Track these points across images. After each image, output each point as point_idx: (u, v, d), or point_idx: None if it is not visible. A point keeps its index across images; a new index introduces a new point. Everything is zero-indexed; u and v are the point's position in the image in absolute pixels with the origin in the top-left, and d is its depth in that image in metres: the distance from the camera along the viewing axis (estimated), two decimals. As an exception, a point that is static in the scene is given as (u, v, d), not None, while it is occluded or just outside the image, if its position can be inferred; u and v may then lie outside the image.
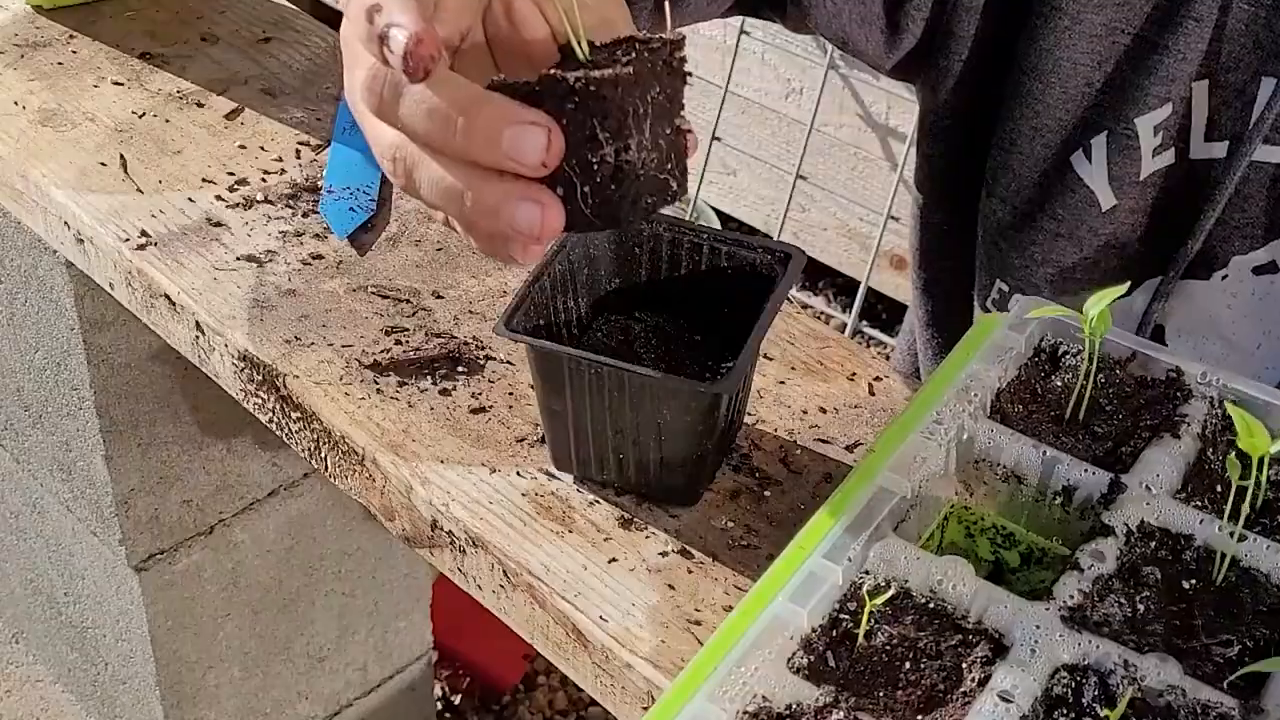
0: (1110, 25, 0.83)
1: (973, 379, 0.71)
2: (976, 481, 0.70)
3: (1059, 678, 0.59)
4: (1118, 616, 0.61)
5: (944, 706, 0.59)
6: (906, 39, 0.89)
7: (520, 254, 0.57)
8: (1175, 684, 0.58)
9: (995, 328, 0.74)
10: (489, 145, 0.54)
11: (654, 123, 0.57)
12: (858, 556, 0.64)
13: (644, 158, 0.57)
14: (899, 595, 0.62)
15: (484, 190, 0.56)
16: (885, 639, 0.61)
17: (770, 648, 0.60)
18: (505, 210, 0.55)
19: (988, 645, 0.60)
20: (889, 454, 0.67)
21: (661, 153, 0.58)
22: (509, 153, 0.54)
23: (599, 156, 0.56)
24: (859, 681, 0.60)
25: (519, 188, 0.55)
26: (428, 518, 0.76)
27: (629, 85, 0.56)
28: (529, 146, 0.54)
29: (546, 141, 0.54)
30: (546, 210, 0.55)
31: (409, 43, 0.53)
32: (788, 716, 0.58)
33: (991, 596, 0.62)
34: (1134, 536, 0.64)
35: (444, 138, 0.55)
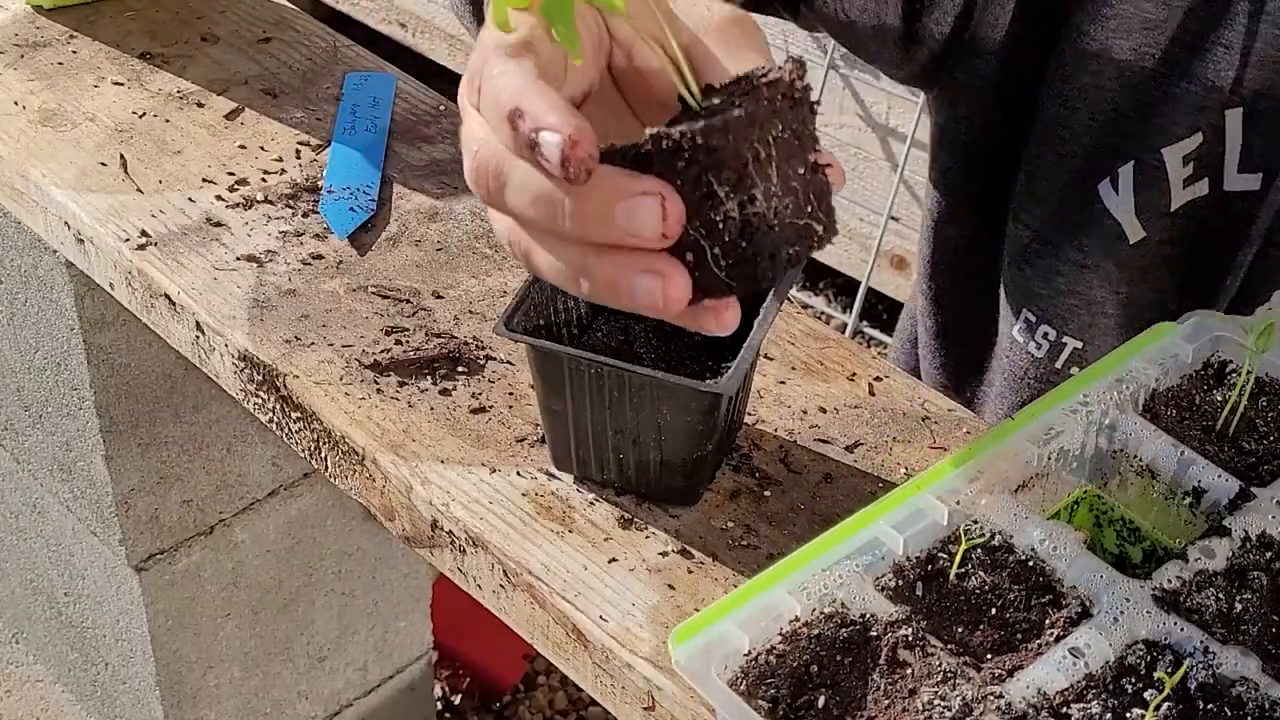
0: (1138, 50, 0.80)
1: (1129, 373, 0.71)
2: (1111, 471, 0.70)
3: (1135, 649, 0.60)
4: (1211, 609, 0.62)
5: (1015, 653, 0.61)
6: (922, 52, 0.87)
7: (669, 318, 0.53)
8: (1250, 677, 0.58)
9: (1167, 334, 0.73)
10: (603, 225, 0.50)
11: (782, 164, 0.52)
12: (968, 503, 0.65)
13: (775, 206, 0.52)
14: (1001, 548, 0.64)
15: (598, 268, 0.52)
16: (977, 583, 0.63)
17: (860, 562, 0.63)
18: (624, 286, 0.51)
19: (1076, 609, 0.62)
20: (1027, 422, 0.68)
21: (797, 196, 0.52)
22: (626, 230, 0.50)
23: (722, 214, 0.51)
24: (940, 614, 0.62)
25: (635, 260, 0.51)
26: (428, 518, 0.76)
27: (742, 130, 0.51)
28: (644, 220, 0.50)
29: (661, 211, 0.50)
30: (668, 281, 0.51)
31: (564, 147, 0.49)
32: (858, 623, 0.61)
33: (1089, 565, 0.63)
34: (1250, 543, 0.65)
35: (554, 223, 0.51)
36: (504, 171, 0.52)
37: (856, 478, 0.77)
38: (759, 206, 0.51)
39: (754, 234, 0.51)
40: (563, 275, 0.53)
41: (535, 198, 0.51)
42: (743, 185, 0.51)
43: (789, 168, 0.52)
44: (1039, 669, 0.59)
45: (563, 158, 0.49)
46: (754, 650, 0.60)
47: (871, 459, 0.78)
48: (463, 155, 0.55)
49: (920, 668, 0.59)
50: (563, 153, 0.49)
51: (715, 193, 0.51)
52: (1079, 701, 0.59)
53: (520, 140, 0.50)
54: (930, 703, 0.58)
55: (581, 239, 0.51)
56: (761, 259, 0.52)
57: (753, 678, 0.59)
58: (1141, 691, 0.59)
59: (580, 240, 0.52)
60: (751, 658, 0.60)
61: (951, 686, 0.58)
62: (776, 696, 0.59)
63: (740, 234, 0.51)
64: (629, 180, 0.50)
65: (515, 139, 0.50)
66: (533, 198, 0.51)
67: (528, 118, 0.50)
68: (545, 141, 0.49)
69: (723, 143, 0.50)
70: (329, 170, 0.96)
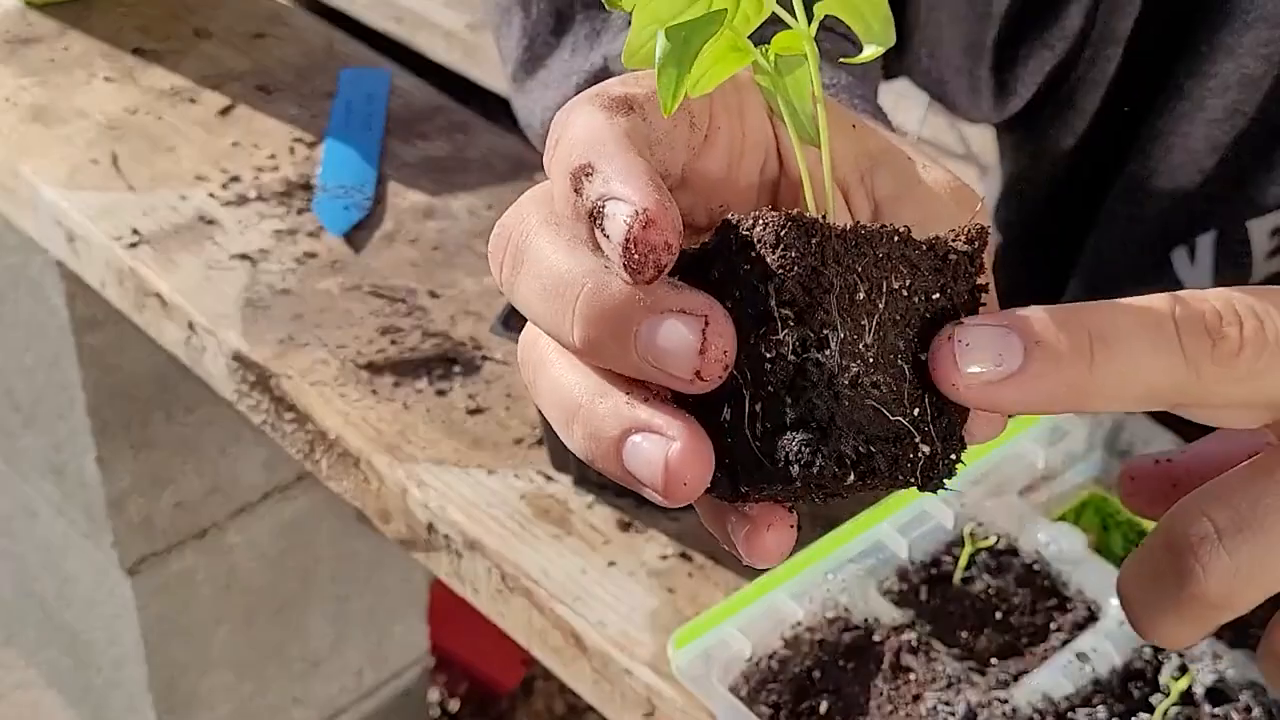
0: (1231, 108, 0.73)
1: None
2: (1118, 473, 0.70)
3: (1142, 653, 0.60)
4: None
5: (1020, 658, 0.60)
6: (1015, 102, 0.81)
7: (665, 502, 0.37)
8: (1258, 682, 0.58)
9: None
10: (618, 344, 0.36)
11: (889, 329, 0.36)
12: (973, 506, 0.65)
13: (857, 371, 0.36)
14: (1006, 551, 0.64)
15: (593, 412, 0.37)
16: (983, 587, 0.63)
17: (863, 566, 0.62)
18: (611, 444, 0.37)
19: (1082, 613, 0.62)
20: (1033, 424, 0.68)
21: (900, 381, 0.36)
22: (646, 356, 0.36)
23: (774, 347, 0.35)
24: (945, 618, 0.62)
25: (637, 414, 0.37)
26: (424, 520, 0.75)
27: (842, 245, 0.36)
28: (673, 346, 0.35)
29: (701, 338, 0.35)
30: (677, 453, 0.36)
31: (634, 224, 0.35)
32: (861, 628, 0.60)
33: (1096, 568, 0.62)
34: None
35: (559, 328, 0.37)
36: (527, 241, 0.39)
37: (859, 479, 0.76)
38: (827, 355, 0.35)
39: (807, 390, 0.35)
40: (559, 410, 0.39)
41: (548, 287, 0.37)
42: (811, 316, 0.35)
43: (901, 341, 0.37)
44: (1045, 674, 0.59)
45: (628, 237, 0.35)
46: (755, 655, 0.59)
47: (874, 460, 0.77)
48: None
49: (924, 673, 0.59)
50: (629, 231, 0.35)
51: (773, 314, 0.35)
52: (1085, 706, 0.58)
53: (581, 205, 0.37)
54: (934, 708, 0.57)
55: (583, 355, 0.38)
56: (810, 435, 0.35)
57: (754, 683, 0.59)
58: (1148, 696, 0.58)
59: (587, 361, 0.38)
60: (753, 663, 0.59)
61: (956, 692, 0.58)
62: (778, 702, 0.58)
63: (790, 384, 0.35)
64: (669, 292, 0.36)
65: (575, 203, 0.37)
66: (545, 286, 0.37)
67: (598, 178, 0.37)
68: (612, 212, 0.36)
69: (803, 248, 0.35)
70: (323, 167, 0.95)
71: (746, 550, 0.38)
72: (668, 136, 0.40)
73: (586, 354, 0.37)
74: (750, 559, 0.38)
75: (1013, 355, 0.36)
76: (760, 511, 0.38)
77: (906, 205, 0.42)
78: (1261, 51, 0.71)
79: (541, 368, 0.39)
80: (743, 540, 0.38)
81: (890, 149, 0.43)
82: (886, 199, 0.43)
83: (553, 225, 0.38)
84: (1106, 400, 0.37)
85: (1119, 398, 0.37)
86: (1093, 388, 0.37)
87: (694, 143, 0.41)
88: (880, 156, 0.43)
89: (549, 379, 0.39)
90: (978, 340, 0.37)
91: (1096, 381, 0.37)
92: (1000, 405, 0.37)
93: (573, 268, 0.37)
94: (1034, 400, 0.37)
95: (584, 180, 0.37)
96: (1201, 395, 0.38)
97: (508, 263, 0.39)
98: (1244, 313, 0.38)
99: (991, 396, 0.37)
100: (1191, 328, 0.38)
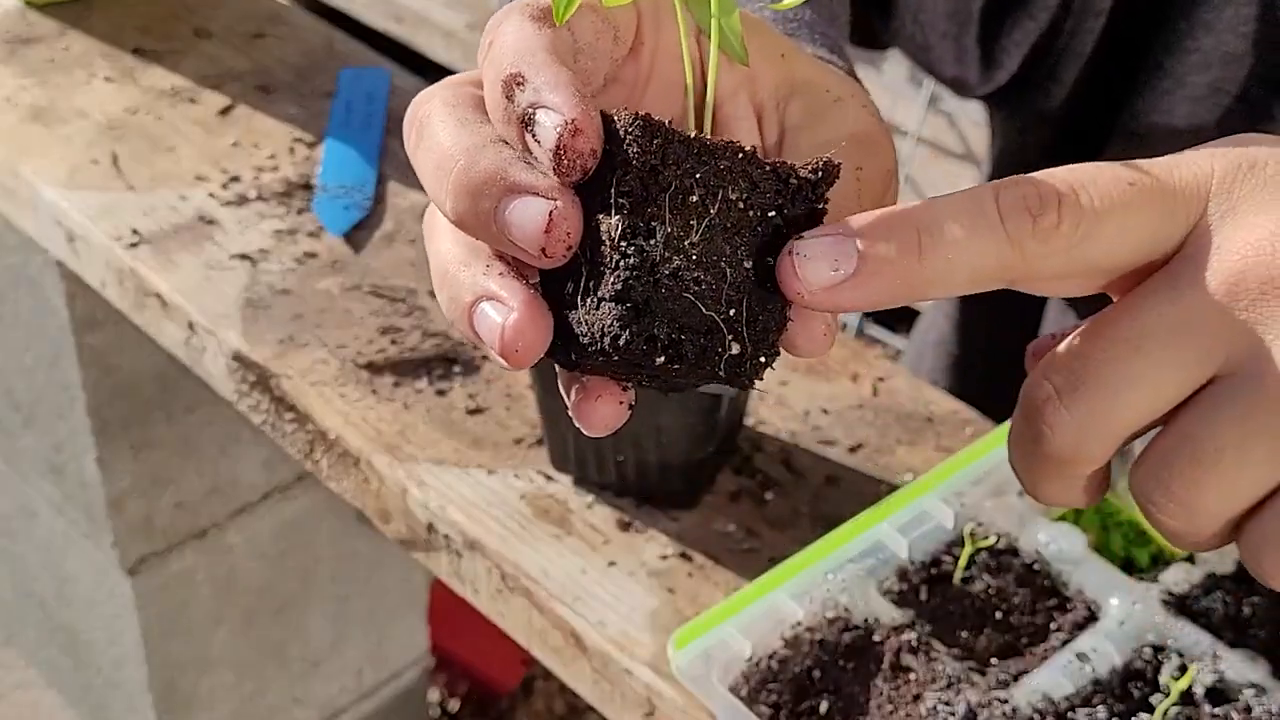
0: (1213, 85, 0.73)
1: None
2: (1118, 472, 0.69)
3: (1142, 653, 0.60)
4: (1219, 613, 0.61)
5: (1020, 658, 0.60)
6: (1001, 74, 0.82)
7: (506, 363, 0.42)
8: (1259, 682, 0.57)
9: None
10: (479, 219, 0.40)
11: (717, 234, 0.40)
12: (973, 506, 0.65)
13: (678, 265, 0.39)
14: (1006, 550, 0.64)
15: (455, 278, 0.42)
16: (983, 587, 0.63)
17: (863, 566, 0.62)
18: (463, 306, 0.41)
19: (1082, 613, 0.61)
20: None
21: (721, 283, 0.40)
22: (502, 230, 0.40)
23: (608, 233, 0.39)
24: (945, 618, 0.62)
25: (488, 284, 0.41)
26: (424, 520, 0.75)
27: (686, 151, 0.39)
28: (524, 223, 0.39)
29: (547, 219, 0.39)
30: (513, 322, 0.40)
31: (563, 132, 0.39)
32: (861, 628, 0.60)
33: (1095, 567, 0.62)
34: None
35: (438, 198, 0.41)
36: (428, 119, 0.42)
37: (859, 480, 0.76)
38: (651, 245, 0.39)
39: (628, 272, 0.39)
40: (435, 278, 0.43)
41: (434, 161, 0.41)
42: (642, 208, 0.39)
43: (729, 246, 0.40)
44: (1045, 674, 0.59)
45: (559, 144, 0.39)
46: (755, 655, 0.59)
47: (875, 461, 0.77)
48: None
49: (924, 673, 0.59)
50: (560, 139, 0.39)
51: (609, 200, 0.39)
52: (1085, 706, 0.58)
53: (511, 112, 0.41)
54: (934, 708, 0.57)
55: (457, 225, 0.41)
56: (624, 313, 0.39)
57: (754, 683, 0.59)
58: (1148, 696, 0.58)
59: (464, 231, 0.42)
60: (753, 663, 0.59)
61: (956, 692, 0.58)
62: (778, 702, 0.58)
63: (615, 265, 0.39)
64: (523, 173, 0.40)
65: (506, 110, 0.41)
66: (433, 161, 0.41)
67: (529, 88, 0.40)
68: (542, 121, 0.40)
69: (644, 146, 0.39)
70: (323, 167, 0.95)
71: (577, 415, 0.42)
72: (590, 47, 0.44)
73: (457, 224, 0.41)
74: (581, 424, 0.42)
75: (847, 259, 0.40)
76: (594, 383, 0.41)
77: (806, 137, 0.46)
78: (1241, 30, 0.72)
79: (431, 235, 0.44)
80: (575, 406, 0.42)
81: (811, 81, 0.47)
82: (792, 128, 0.46)
83: (449, 105, 0.42)
84: (939, 287, 0.41)
85: (950, 283, 0.41)
86: (924, 277, 0.40)
87: (617, 54, 0.45)
88: (800, 87, 0.47)
89: (434, 246, 0.43)
90: (814, 250, 0.40)
91: (926, 271, 0.40)
92: (843, 305, 0.40)
93: (453, 145, 0.41)
94: (873, 297, 0.40)
95: (515, 89, 0.41)
96: (1029, 271, 0.41)
97: (411, 138, 0.43)
98: (1062, 188, 0.41)
99: (834, 299, 0.40)
100: (1012, 209, 0.41)
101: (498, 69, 0.41)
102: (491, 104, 0.42)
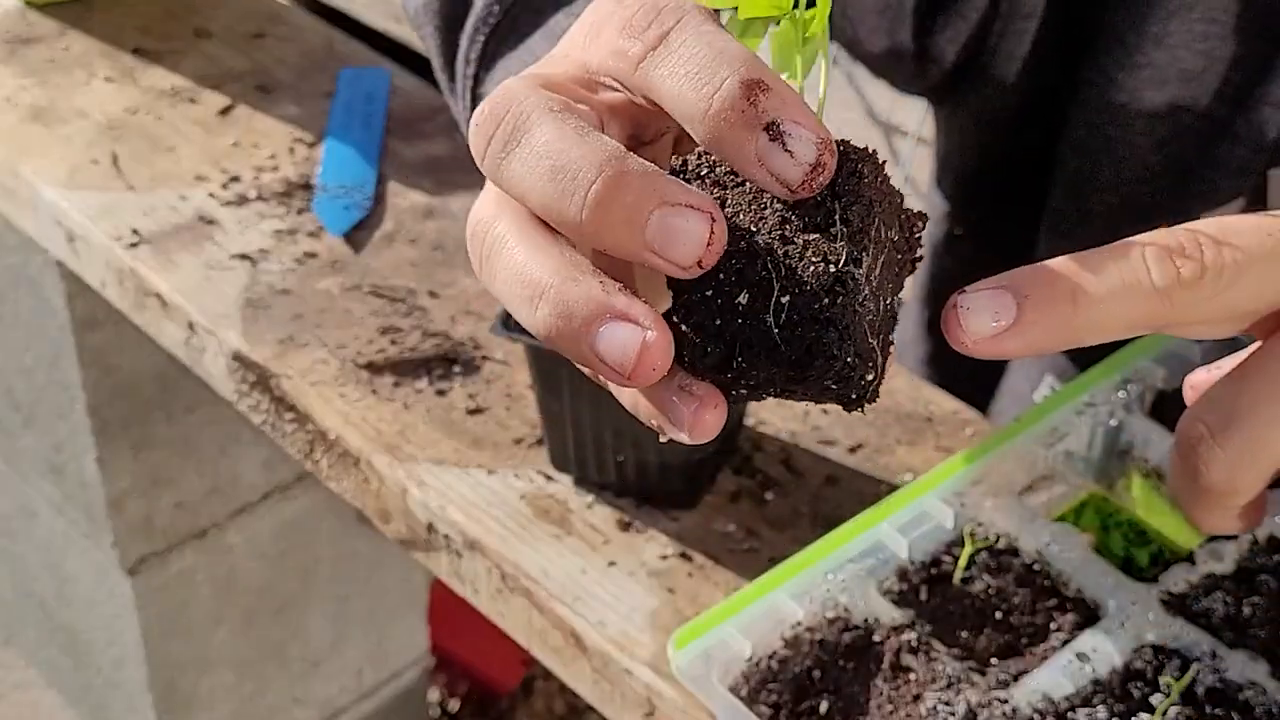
0: (1174, 105, 0.72)
1: (1136, 373, 0.70)
2: (1118, 473, 0.70)
3: (1142, 653, 0.59)
4: (1219, 613, 0.61)
5: (1020, 658, 0.60)
6: (935, 70, 0.82)
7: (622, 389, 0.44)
8: (1258, 681, 0.58)
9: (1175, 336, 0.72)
10: (628, 228, 0.40)
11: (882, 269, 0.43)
12: (973, 506, 0.64)
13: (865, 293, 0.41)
14: (1006, 551, 0.64)
15: (565, 293, 0.41)
16: (983, 587, 0.62)
17: (863, 566, 0.62)
18: (584, 324, 0.41)
19: (1082, 614, 0.61)
20: (1033, 423, 0.68)
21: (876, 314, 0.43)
22: (653, 240, 0.40)
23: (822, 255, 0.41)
24: (945, 618, 0.61)
25: (614, 301, 0.41)
26: (423, 520, 0.75)
27: (884, 194, 0.43)
28: (685, 235, 0.40)
29: (709, 231, 0.40)
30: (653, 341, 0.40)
31: (821, 151, 0.41)
32: (861, 628, 0.60)
33: (1096, 569, 0.62)
34: (1258, 546, 0.64)
35: (562, 206, 0.41)
36: (528, 122, 0.42)
37: (859, 480, 0.76)
38: (859, 273, 0.41)
39: (840, 296, 0.41)
40: (522, 286, 0.42)
41: (555, 168, 0.41)
42: (860, 237, 0.41)
43: (886, 281, 0.43)
44: (1045, 674, 0.59)
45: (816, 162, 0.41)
46: (755, 655, 0.59)
47: (875, 461, 0.77)
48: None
49: (924, 673, 0.59)
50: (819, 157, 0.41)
51: (831, 224, 0.41)
52: (1085, 707, 0.58)
53: (753, 115, 0.41)
54: (934, 708, 0.57)
55: (589, 238, 0.41)
56: (835, 334, 0.41)
57: (754, 683, 0.59)
58: (1148, 696, 0.58)
59: (579, 237, 0.42)
60: (753, 663, 0.59)
61: (956, 692, 0.58)
62: (778, 702, 0.58)
63: (828, 288, 0.41)
64: (680, 187, 0.41)
65: (745, 110, 0.41)
66: (551, 168, 0.41)
67: (775, 98, 0.41)
68: (797, 135, 0.41)
69: (867, 181, 0.42)
70: (323, 167, 0.95)
71: (694, 424, 0.42)
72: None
73: (587, 232, 0.41)
74: (693, 434, 0.42)
75: (1007, 310, 0.43)
76: (707, 391, 0.42)
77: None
78: (1198, 46, 0.71)
79: (499, 248, 0.43)
80: (690, 415, 0.42)
81: None
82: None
83: (555, 112, 0.42)
84: (1095, 335, 0.44)
85: (1104, 331, 0.44)
86: (1079, 326, 0.44)
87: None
88: None
89: (509, 259, 0.43)
90: (976, 303, 0.43)
91: (1081, 321, 0.44)
92: (1005, 353, 0.44)
93: (586, 153, 0.41)
94: (1032, 345, 0.43)
95: (760, 94, 0.41)
96: (1176, 317, 0.45)
97: (499, 140, 0.42)
98: (1204, 240, 0.45)
99: (997, 347, 0.43)
100: (1158, 261, 0.44)
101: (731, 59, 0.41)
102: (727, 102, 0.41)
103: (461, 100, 0.73)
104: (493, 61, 0.70)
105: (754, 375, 0.42)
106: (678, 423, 0.43)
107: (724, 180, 0.42)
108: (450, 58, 0.73)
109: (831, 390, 0.42)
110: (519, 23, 0.70)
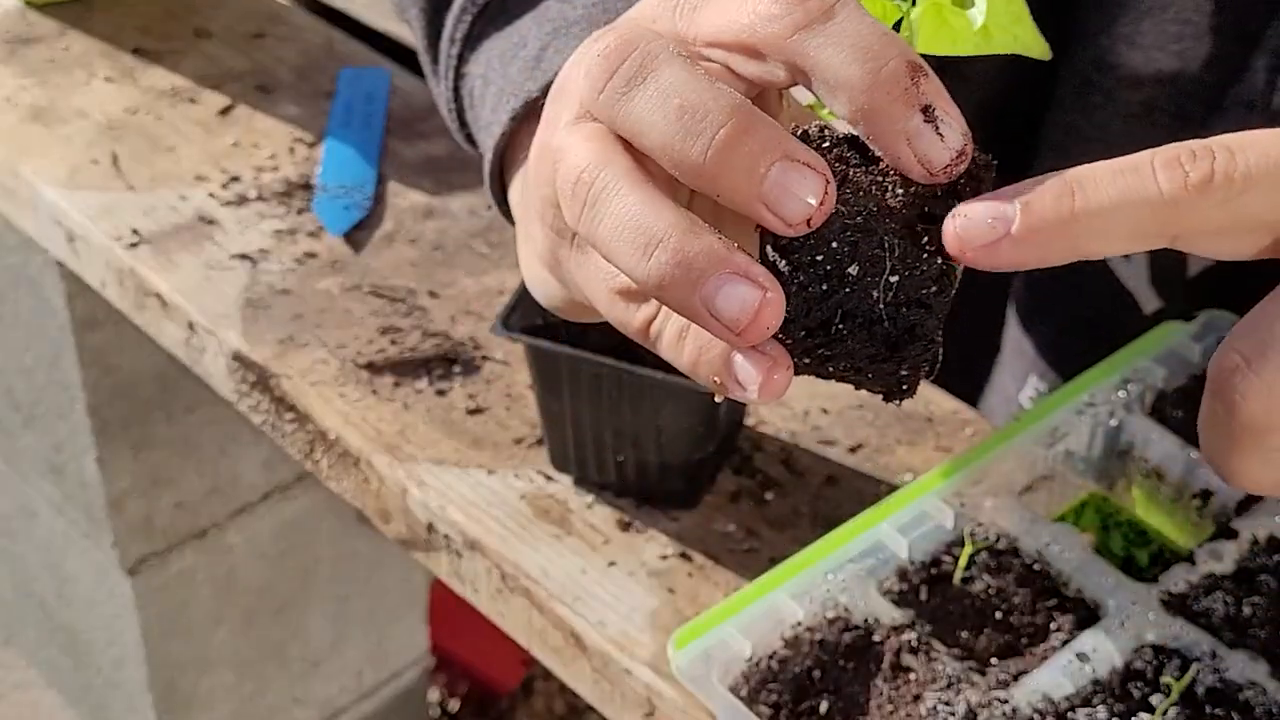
0: (1149, 104, 0.73)
1: (1136, 373, 0.70)
2: (1118, 473, 0.70)
3: (1142, 653, 0.59)
4: (1219, 613, 0.61)
5: (1020, 658, 0.60)
6: None
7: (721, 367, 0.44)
8: (1258, 681, 0.58)
9: (1175, 334, 0.72)
10: (745, 174, 0.41)
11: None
12: (973, 506, 0.64)
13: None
14: (1007, 551, 0.63)
15: (685, 245, 0.41)
16: (983, 587, 0.62)
17: (863, 566, 0.62)
18: (708, 283, 0.41)
19: (1082, 613, 0.61)
20: (1033, 423, 0.68)
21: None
22: (770, 190, 0.41)
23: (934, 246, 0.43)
24: (945, 618, 0.61)
25: (735, 258, 0.41)
26: (423, 520, 0.75)
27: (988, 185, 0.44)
28: (801, 191, 0.41)
29: (824, 192, 0.41)
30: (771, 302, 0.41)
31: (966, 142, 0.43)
32: (861, 628, 0.60)
33: (1096, 569, 0.62)
34: (1258, 546, 0.64)
35: (686, 146, 0.41)
36: (657, 64, 0.42)
37: (859, 480, 0.76)
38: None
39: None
40: (636, 233, 0.42)
41: (683, 107, 0.41)
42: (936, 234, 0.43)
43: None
44: (1045, 674, 0.59)
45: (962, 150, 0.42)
46: (755, 655, 0.59)
47: (875, 461, 0.77)
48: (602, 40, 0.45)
49: (924, 673, 0.59)
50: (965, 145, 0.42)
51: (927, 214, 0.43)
52: (1085, 707, 0.58)
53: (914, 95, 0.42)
54: (934, 708, 0.57)
55: (706, 183, 0.42)
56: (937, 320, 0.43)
57: (754, 683, 0.59)
58: (1148, 696, 0.58)
59: (700, 183, 0.42)
60: (753, 663, 0.59)
61: (956, 692, 0.58)
62: (779, 702, 0.58)
63: (935, 277, 0.43)
64: (801, 146, 0.42)
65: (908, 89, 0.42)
66: (679, 106, 0.41)
67: (933, 82, 0.42)
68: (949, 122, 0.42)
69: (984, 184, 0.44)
70: (323, 167, 0.95)
71: (765, 382, 0.42)
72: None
73: (706, 175, 0.41)
74: (763, 393, 0.43)
75: (1005, 216, 0.42)
76: (780, 352, 0.43)
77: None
78: (1173, 47, 0.71)
79: (610, 194, 0.43)
80: (764, 373, 0.42)
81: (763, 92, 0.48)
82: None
83: (683, 58, 0.43)
84: (1099, 242, 0.42)
85: (1109, 238, 0.42)
86: (1081, 232, 0.42)
87: None
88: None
89: (621, 205, 0.42)
90: (973, 212, 0.42)
91: (1083, 226, 0.42)
92: (1002, 263, 0.42)
93: (717, 96, 0.41)
94: (1032, 253, 0.42)
95: (921, 78, 0.42)
96: (1187, 224, 0.42)
97: (623, 75, 0.42)
98: (1217, 149, 0.43)
99: (993, 256, 0.42)
100: (1166, 166, 0.42)
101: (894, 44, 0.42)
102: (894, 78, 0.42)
103: (444, 80, 0.73)
104: (478, 42, 0.71)
105: (843, 345, 0.43)
106: (746, 381, 0.43)
107: (846, 157, 0.43)
108: (434, 38, 0.74)
109: (900, 376, 0.44)
110: (509, 4, 0.70)
